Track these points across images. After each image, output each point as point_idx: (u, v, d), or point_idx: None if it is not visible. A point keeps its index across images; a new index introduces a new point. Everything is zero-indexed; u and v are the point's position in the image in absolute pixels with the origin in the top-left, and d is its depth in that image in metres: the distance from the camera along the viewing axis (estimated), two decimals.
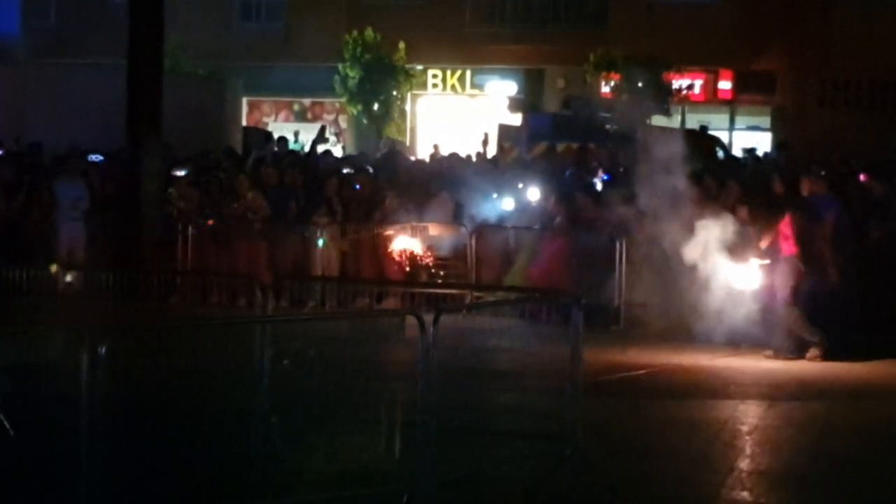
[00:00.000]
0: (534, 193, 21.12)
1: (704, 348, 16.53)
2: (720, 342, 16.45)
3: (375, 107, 42.33)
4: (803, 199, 17.76)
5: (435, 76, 44.67)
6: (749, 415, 13.31)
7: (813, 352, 16.34)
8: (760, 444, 11.90)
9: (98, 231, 20.92)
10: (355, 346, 14.19)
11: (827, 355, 16.25)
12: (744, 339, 16.50)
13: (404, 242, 20.14)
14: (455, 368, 10.37)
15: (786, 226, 16.55)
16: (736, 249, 16.54)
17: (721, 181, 19.89)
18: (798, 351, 16.38)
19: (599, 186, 22.18)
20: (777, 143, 37.77)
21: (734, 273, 16.34)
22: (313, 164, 25.14)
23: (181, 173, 22.31)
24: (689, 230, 16.89)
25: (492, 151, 31.36)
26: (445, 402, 9.42)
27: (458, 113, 44.36)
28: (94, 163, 23.93)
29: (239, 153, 29.41)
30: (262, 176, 22.24)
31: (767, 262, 16.44)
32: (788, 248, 16.47)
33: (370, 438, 10.91)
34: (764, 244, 16.58)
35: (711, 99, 43.12)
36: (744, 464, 11.16)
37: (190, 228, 20.80)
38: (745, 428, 12.61)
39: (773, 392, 14.52)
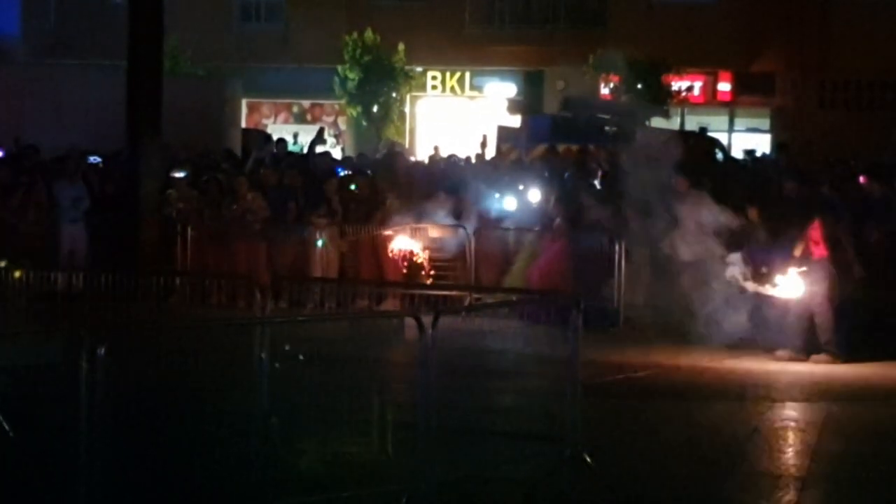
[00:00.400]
0: (533, 195, 21.11)
1: (703, 350, 16.53)
2: (719, 343, 16.46)
3: (375, 108, 42.32)
4: (828, 201, 17.79)
5: (434, 78, 44.66)
6: (749, 415, 13.30)
7: (824, 357, 16.31)
8: (760, 445, 11.89)
9: (98, 232, 20.93)
10: (355, 347, 14.19)
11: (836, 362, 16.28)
12: (743, 341, 16.51)
13: (404, 244, 20.14)
14: (454, 369, 10.38)
15: (815, 230, 16.51)
16: (751, 249, 16.53)
17: (721, 183, 19.89)
18: (808, 353, 16.38)
19: (599, 187, 22.16)
20: (778, 145, 37.75)
21: (777, 283, 16.26)
22: (311, 164, 25.11)
23: (180, 175, 22.28)
24: (688, 230, 16.92)
25: (490, 153, 31.34)
26: (445, 402, 9.42)
27: (458, 114, 44.34)
28: (93, 164, 23.93)
29: (238, 155, 29.39)
30: (261, 177, 22.25)
31: (805, 268, 16.34)
32: (819, 252, 16.44)
33: (370, 439, 10.91)
34: (798, 252, 16.47)
35: (711, 100, 43.12)
36: (744, 465, 11.15)
37: (189, 229, 20.81)
38: (744, 428, 12.59)
39: (773, 393, 14.52)
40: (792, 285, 16.28)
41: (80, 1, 44.45)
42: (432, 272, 19.89)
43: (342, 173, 23.31)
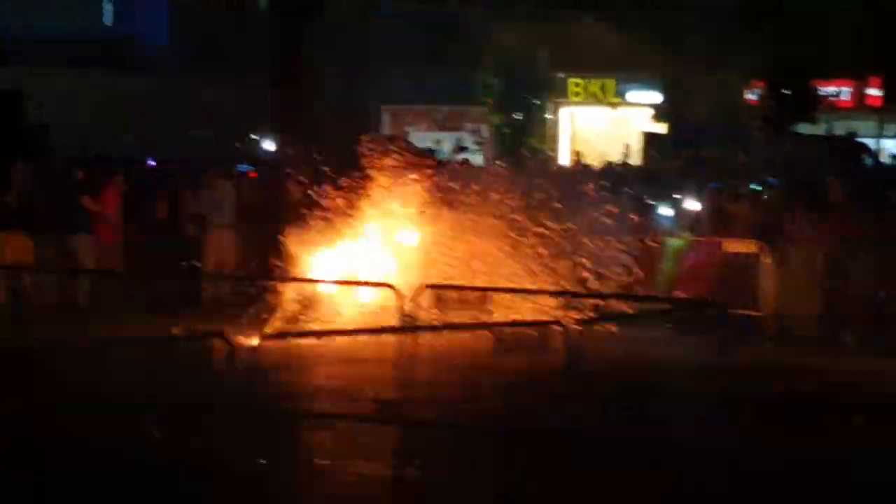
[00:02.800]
0: (683, 200, 20.96)
1: (858, 357, 16.30)
2: (874, 349, 16.23)
3: (518, 116, 42.33)
4: None
5: (577, 84, 44.54)
6: None
7: None
8: None
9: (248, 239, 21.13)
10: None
11: None
12: None
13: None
14: (612, 376, 10.27)
15: None
16: None
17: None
18: None
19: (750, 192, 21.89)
20: None
21: None
22: None
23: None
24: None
25: (634, 160, 31.26)
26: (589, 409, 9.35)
27: (601, 121, 44.21)
28: (240, 172, 24.27)
29: None
30: None
31: None
32: None
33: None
34: None
35: (859, 106, 42.52)
36: None
37: None
38: None
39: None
40: None
41: (225, 15, 44.95)
42: None
43: None
